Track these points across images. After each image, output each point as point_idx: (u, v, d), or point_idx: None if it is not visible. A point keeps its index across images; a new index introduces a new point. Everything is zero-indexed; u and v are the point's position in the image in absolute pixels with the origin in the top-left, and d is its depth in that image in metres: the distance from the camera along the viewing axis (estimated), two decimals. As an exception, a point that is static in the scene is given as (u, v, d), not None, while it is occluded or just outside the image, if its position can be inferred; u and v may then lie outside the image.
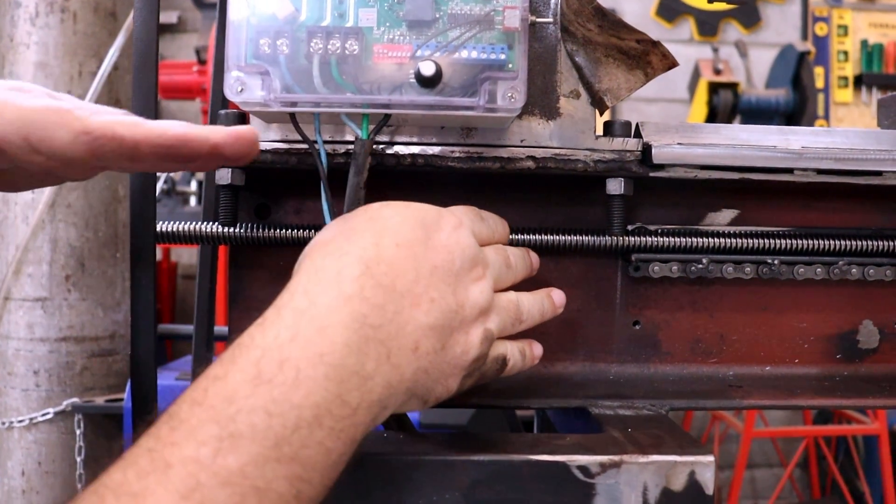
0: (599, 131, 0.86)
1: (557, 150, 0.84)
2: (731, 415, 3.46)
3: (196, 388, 0.53)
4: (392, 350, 0.58)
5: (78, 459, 1.86)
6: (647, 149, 0.85)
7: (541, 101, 0.85)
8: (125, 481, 0.47)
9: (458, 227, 0.67)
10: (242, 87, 0.72)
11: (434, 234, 0.65)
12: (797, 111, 3.60)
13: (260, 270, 0.93)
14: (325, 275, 0.59)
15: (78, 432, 1.87)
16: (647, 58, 0.81)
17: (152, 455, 0.48)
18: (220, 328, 1.61)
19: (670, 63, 0.81)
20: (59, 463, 1.92)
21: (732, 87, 3.69)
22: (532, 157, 0.84)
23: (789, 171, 0.87)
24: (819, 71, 4.11)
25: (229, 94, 0.72)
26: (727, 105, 3.62)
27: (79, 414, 1.91)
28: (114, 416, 2.14)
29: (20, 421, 1.97)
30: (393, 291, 0.60)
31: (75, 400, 2.08)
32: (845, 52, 4.19)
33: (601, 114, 0.86)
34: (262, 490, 0.49)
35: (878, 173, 0.88)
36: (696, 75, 3.83)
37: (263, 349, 0.54)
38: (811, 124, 3.69)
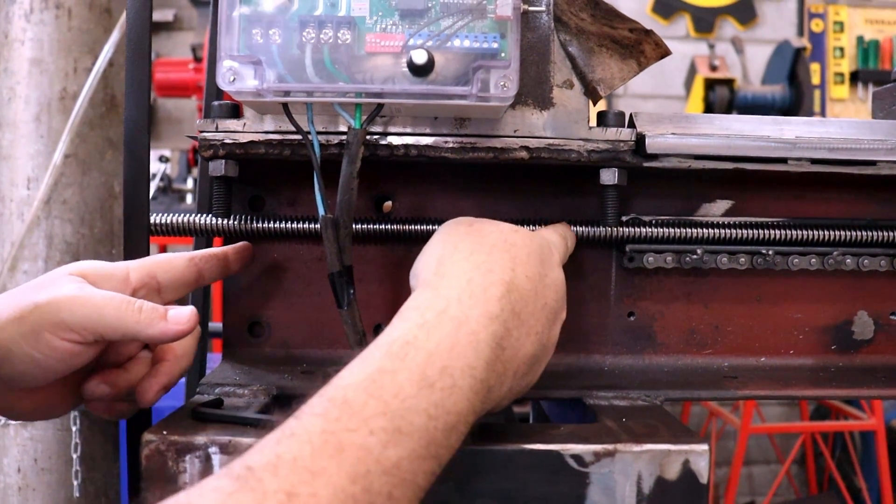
0: (593, 122, 0.86)
1: (551, 141, 0.84)
2: (728, 411, 3.46)
3: (364, 377, 0.56)
4: (507, 370, 0.64)
5: (74, 456, 1.85)
6: (640, 139, 0.85)
7: (534, 92, 0.84)
8: (301, 456, 0.51)
9: (559, 263, 0.75)
10: (235, 76, 0.72)
11: (548, 273, 0.71)
12: (793, 107, 3.60)
13: (254, 262, 0.92)
14: (475, 288, 0.64)
15: (74, 429, 1.86)
16: (640, 47, 0.81)
17: (327, 437, 0.52)
18: (216, 324, 1.61)
19: (663, 52, 0.81)
20: (55, 460, 1.91)
21: (728, 83, 3.69)
22: (526, 148, 0.84)
23: (783, 160, 0.87)
24: (815, 67, 4.11)
25: (222, 83, 0.71)
26: (723, 101, 3.62)
27: (75, 411, 1.90)
28: (110, 414, 2.12)
29: (16, 418, 1.97)
30: (518, 318, 0.66)
31: (71, 397, 2.07)
32: (841, 49, 4.19)
33: (595, 104, 0.85)
34: (409, 482, 0.54)
35: (872, 163, 0.88)
36: (692, 72, 3.83)
37: (428, 353, 0.58)
38: (807, 120, 3.68)
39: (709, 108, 3.66)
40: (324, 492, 0.49)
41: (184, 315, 0.71)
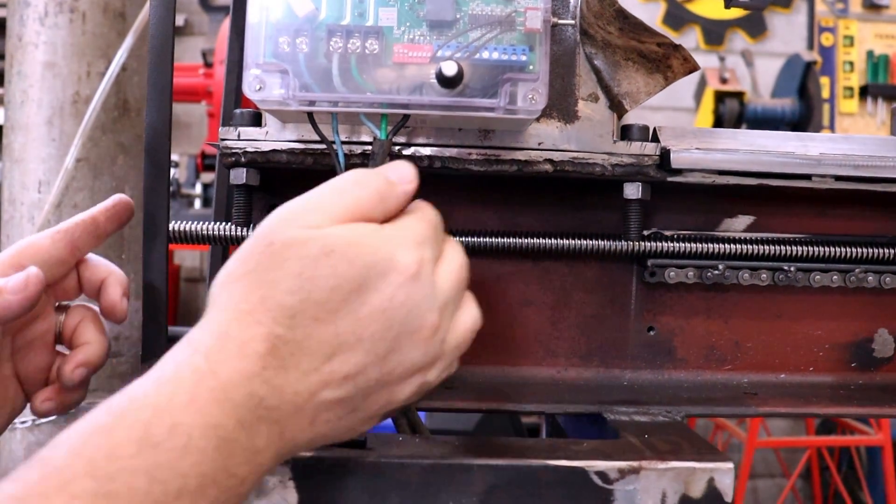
0: (617, 135, 0.86)
1: (575, 154, 0.84)
2: (734, 424, 3.45)
3: (75, 435, 0.49)
4: (286, 427, 0.55)
5: (81, 461, 1.85)
6: (665, 153, 0.84)
7: (559, 104, 0.84)
8: None
9: (412, 279, 0.57)
10: (261, 85, 0.71)
11: (372, 296, 0.56)
12: (803, 121, 3.60)
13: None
14: (230, 343, 0.54)
15: (81, 434, 1.86)
16: (668, 61, 0.81)
17: None
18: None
19: (691, 67, 0.81)
20: (61, 464, 1.90)
21: (738, 95, 3.69)
22: (550, 161, 0.83)
23: (807, 177, 0.87)
24: (825, 81, 4.11)
25: (248, 92, 0.71)
26: (733, 114, 3.62)
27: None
28: (117, 418, 2.10)
29: (23, 422, 1.96)
30: (297, 370, 0.54)
31: (78, 401, 2.06)
32: (851, 63, 4.19)
33: (619, 118, 0.85)
34: None
35: (897, 181, 0.88)
36: (702, 84, 3.84)
37: (156, 409, 0.50)
38: (816, 134, 3.68)
39: (718, 120, 3.66)
40: None
41: (19, 281, 0.64)
